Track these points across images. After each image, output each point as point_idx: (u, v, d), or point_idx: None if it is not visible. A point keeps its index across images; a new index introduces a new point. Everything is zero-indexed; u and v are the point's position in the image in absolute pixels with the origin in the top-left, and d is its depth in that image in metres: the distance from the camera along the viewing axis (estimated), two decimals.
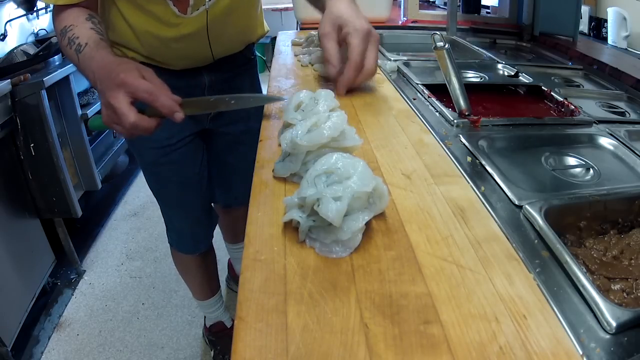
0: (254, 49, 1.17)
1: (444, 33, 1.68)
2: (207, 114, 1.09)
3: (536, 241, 0.52)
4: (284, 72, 1.12)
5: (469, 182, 0.64)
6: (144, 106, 0.69)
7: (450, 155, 0.71)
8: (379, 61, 1.22)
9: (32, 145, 1.56)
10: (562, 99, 0.99)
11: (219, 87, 1.06)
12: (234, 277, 1.81)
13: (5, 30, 1.86)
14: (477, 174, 0.66)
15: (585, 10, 1.74)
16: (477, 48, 1.48)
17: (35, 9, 2.10)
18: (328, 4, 0.90)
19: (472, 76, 1.21)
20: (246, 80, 1.14)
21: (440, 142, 0.76)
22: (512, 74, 1.19)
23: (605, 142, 0.82)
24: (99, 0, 0.88)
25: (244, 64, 1.12)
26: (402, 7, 1.90)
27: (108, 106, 0.68)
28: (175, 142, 1.06)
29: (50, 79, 1.56)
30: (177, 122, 0.70)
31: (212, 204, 1.31)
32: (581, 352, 0.38)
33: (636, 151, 0.77)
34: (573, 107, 0.95)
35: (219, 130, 1.14)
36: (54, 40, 1.74)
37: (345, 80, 0.87)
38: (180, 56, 0.96)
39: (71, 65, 1.72)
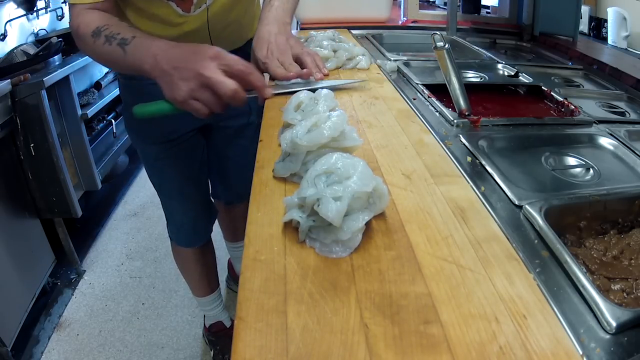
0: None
1: (444, 33, 1.68)
2: None
3: (536, 241, 0.52)
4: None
5: (469, 182, 0.64)
6: None
7: (450, 155, 0.71)
8: (378, 61, 1.22)
9: (32, 145, 1.56)
10: (562, 99, 0.99)
11: None
12: (234, 277, 1.81)
13: (5, 30, 1.86)
14: (477, 174, 0.66)
15: (585, 10, 1.74)
16: (477, 48, 1.48)
17: (35, 9, 2.10)
18: (258, 25, 0.95)
19: (472, 76, 1.21)
20: None
21: (440, 142, 0.76)
22: (512, 74, 1.19)
23: (605, 142, 0.82)
24: None
25: None
26: (402, 7, 1.90)
27: (195, 78, 0.69)
28: (176, 137, 1.07)
29: (50, 79, 1.56)
30: (267, 97, 0.75)
31: (213, 200, 1.32)
32: (581, 352, 0.38)
33: (636, 151, 0.77)
34: (573, 107, 0.95)
35: (219, 125, 1.15)
36: (54, 40, 1.74)
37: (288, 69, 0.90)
38: None
39: (71, 65, 1.72)
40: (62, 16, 2.28)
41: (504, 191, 0.62)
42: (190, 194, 1.19)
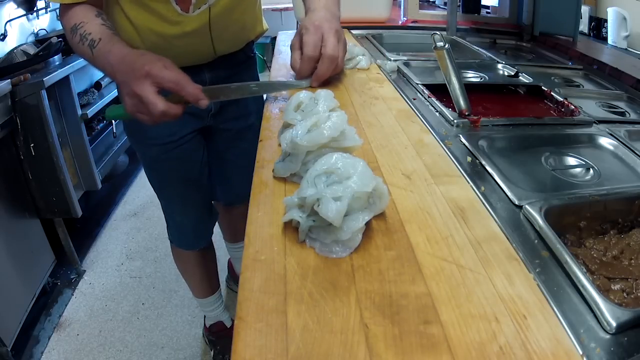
0: (253, 47, 1.17)
1: (444, 33, 1.68)
2: (209, 111, 1.09)
3: (536, 241, 0.52)
4: (284, 72, 1.12)
5: (469, 182, 0.64)
6: (166, 94, 0.73)
7: (450, 155, 0.71)
8: (378, 61, 1.22)
9: (32, 145, 1.56)
10: (562, 99, 0.99)
11: (220, 84, 1.07)
12: (234, 277, 1.81)
13: (5, 30, 1.86)
14: (477, 174, 0.66)
15: (585, 10, 1.73)
16: (477, 48, 1.48)
17: (35, 9, 2.10)
18: (307, 13, 0.96)
19: (472, 76, 1.21)
20: (246, 78, 1.15)
21: (440, 142, 0.76)
22: (512, 74, 1.19)
23: (605, 142, 0.82)
24: None
25: (244, 62, 1.13)
26: (402, 7, 1.90)
27: (133, 96, 0.71)
28: (177, 139, 1.07)
29: (50, 79, 1.56)
30: (202, 108, 0.75)
31: (213, 202, 1.31)
32: (581, 352, 0.38)
33: (636, 151, 0.77)
34: (573, 107, 0.95)
35: (220, 127, 1.15)
36: (54, 40, 1.74)
37: (302, 71, 0.92)
38: (182, 53, 0.96)
39: (71, 65, 1.72)
40: None
41: (504, 191, 0.62)
42: (190, 196, 1.18)
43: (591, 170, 0.75)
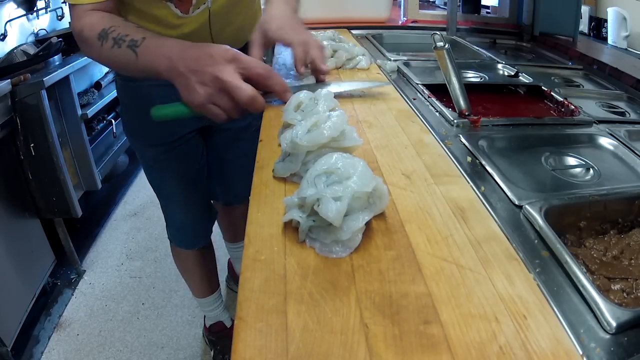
0: None
1: (444, 33, 1.68)
2: None
3: (536, 241, 0.52)
4: (284, 72, 1.12)
5: (469, 182, 0.64)
6: None
7: (450, 155, 0.71)
8: (378, 61, 1.22)
9: (32, 145, 1.56)
10: (562, 99, 0.99)
11: None
12: (234, 277, 1.81)
13: (5, 30, 1.86)
14: (477, 174, 0.66)
15: (585, 10, 1.74)
16: (477, 48, 1.48)
17: (35, 9, 2.10)
18: (267, 4, 0.92)
19: (472, 76, 1.21)
20: None
21: (440, 142, 0.76)
22: (512, 74, 1.19)
23: (605, 142, 0.82)
24: None
25: None
26: (402, 7, 1.90)
27: (212, 82, 0.65)
28: (176, 139, 1.07)
29: (50, 79, 1.56)
30: (286, 101, 0.70)
31: (212, 201, 1.32)
32: (581, 352, 0.38)
33: (636, 151, 0.77)
34: (573, 107, 0.95)
35: (219, 127, 1.15)
36: (54, 40, 1.74)
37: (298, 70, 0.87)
38: None
39: (71, 65, 1.72)
40: (62, 16, 2.29)
41: (504, 191, 0.62)
42: (189, 196, 1.19)
43: (591, 170, 0.75)
